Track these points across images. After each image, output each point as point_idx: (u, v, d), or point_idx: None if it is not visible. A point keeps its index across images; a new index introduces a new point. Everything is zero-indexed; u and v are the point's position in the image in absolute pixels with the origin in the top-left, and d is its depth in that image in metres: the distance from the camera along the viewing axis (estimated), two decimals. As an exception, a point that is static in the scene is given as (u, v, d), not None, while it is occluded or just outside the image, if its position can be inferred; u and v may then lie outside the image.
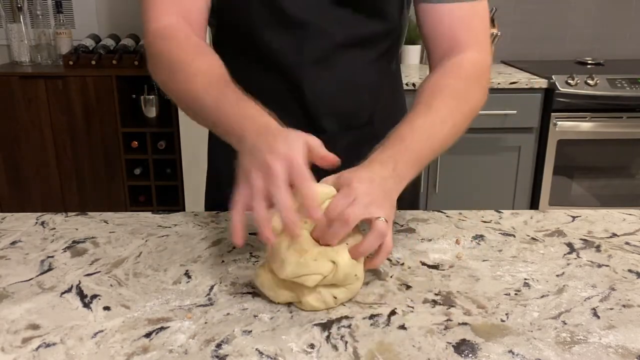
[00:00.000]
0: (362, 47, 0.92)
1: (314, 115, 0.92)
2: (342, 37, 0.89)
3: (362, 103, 0.95)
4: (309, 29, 0.87)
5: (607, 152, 2.43)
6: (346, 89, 0.93)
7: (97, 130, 2.56)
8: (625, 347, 0.56)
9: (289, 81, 0.91)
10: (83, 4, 2.80)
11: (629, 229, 0.86)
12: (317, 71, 0.90)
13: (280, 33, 0.88)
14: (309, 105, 0.92)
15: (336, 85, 0.92)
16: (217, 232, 0.83)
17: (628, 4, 2.82)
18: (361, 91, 0.94)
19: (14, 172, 2.62)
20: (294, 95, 0.92)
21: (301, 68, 0.90)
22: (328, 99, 0.92)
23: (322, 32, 0.88)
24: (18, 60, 2.71)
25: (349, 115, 0.95)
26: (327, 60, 0.90)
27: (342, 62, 0.91)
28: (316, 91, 0.91)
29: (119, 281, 0.69)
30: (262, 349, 0.56)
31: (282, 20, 0.87)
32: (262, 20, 0.87)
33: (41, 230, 0.84)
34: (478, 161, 2.40)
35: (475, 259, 0.76)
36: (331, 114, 0.93)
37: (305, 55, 0.89)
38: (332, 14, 0.87)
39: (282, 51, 0.89)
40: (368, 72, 0.94)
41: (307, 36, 0.88)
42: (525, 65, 2.58)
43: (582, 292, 0.67)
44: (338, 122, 0.94)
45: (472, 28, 0.89)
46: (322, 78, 0.91)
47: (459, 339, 0.58)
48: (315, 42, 0.88)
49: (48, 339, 0.57)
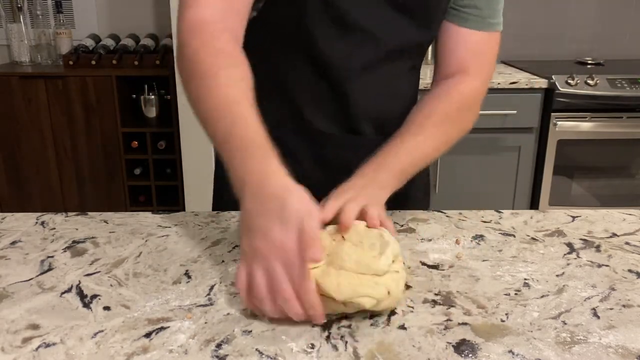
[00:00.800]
0: (406, 56, 0.93)
1: (353, 118, 0.94)
2: (392, 45, 0.89)
3: (396, 111, 0.97)
4: (363, 33, 0.87)
5: (607, 152, 2.43)
6: (385, 95, 0.94)
7: (97, 130, 2.56)
8: (625, 347, 0.56)
9: (334, 82, 0.91)
10: (83, 4, 2.80)
11: (629, 229, 0.86)
12: (363, 76, 0.91)
13: (333, 34, 0.87)
14: (350, 108, 0.93)
15: (377, 90, 0.93)
16: (217, 232, 0.83)
17: (628, 4, 2.82)
18: (397, 98, 0.97)
19: (14, 172, 2.62)
20: (336, 97, 0.92)
21: (349, 72, 0.90)
22: (368, 103, 0.93)
23: (375, 38, 0.88)
24: (18, 60, 2.71)
25: (383, 120, 0.96)
26: (374, 66, 0.91)
27: (386, 69, 0.92)
28: (359, 95, 0.92)
29: (119, 281, 0.69)
30: (262, 349, 0.55)
31: (339, 23, 0.86)
32: (317, 20, 0.86)
33: (41, 230, 0.84)
34: (478, 161, 2.40)
35: (475, 259, 0.76)
36: (369, 119, 0.95)
37: (356, 60, 0.89)
38: (388, 20, 0.87)
39: (332, 53, 0.88)
40: (405, 80, 0.97)
41: (361, 42, 0.88)
42: (525, 65, 2.58)
43: (582, 292, 0.67)
44: (374, 127, 0.96)
45: (483, 57, 0.94)
46: (366, 83, 0.91)
47: (459, 339, 0.58)
48: (366, 47, 0.89)
49: (48, 339, 0.57)
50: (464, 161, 2.39)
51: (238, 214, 0.90)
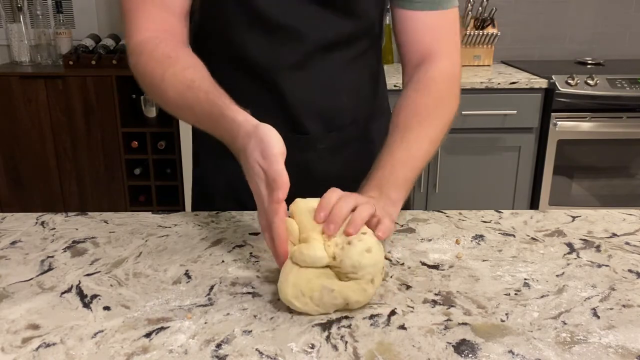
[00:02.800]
0: (339, 48, 0.91)
1: (295, 117, 0.92)
2: (319, 39, 0.88)
3: (342, 103, 0.95)
4: (286, 31, 0.87)
5: (607, 152, 2.43)
6: (325, 90, 0.92)
7: (97, 130, 2.56)
8: (625, 347, 0.56)
9: (268, 84, 0.90)
10: (83, 4, 2.80)
11: (629, 229, 0.86)
12: (295, 74, 0.89)
13: (256, 36, 0.87)
14: (289, 108, 0.91)
15: (315, 87, 0.91)
16: (217, 232, 0.83)
17: (628, 4, 2.82)
18: (340, 92, 0.94)
19: (14, 172, 2.62)
20: (274, 98, 0.91)
21: (279, 71, 0.89)
22: (308, 100, 0.92)
23: (300, 35, 0.87)
24: (18, 60, 2.71)
25: (330, 116, 0.94)
26: (305, 62, 0.89)
27: (319, 64, 0.90)
28: (295, 93, 0.91)
29: (119, 281, 0.69)
30: (262, 349, 0.56)
31: (258, 23, 0.86)
32: (238, 24, 0.87)
33: (41, 230, 0.84)
34: (478, 161, 2.40)
35: (475, 259, 0.76)
36: (312, 116, 0.93)
37: (283, 58, 0.88)
38: (310, 15, 0.86)
39: (259, 55, 0.88)
40: (346, 72, 0.94)
41: (284, 39, 0.87)
42: (525, 65, 2.58)
43: (582, 292, 0.67)
44: (320, 123, 0.94)
45: (444, 36, 0.92)
46: (300, 80, 0.90)
47: (459, 339, 0.58)
48: (292, 45, 0.88)
49: (48, 339, 0.57)
50: (464, 161, 2.39)
51: (238, 214, 0.90)
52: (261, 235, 0.82)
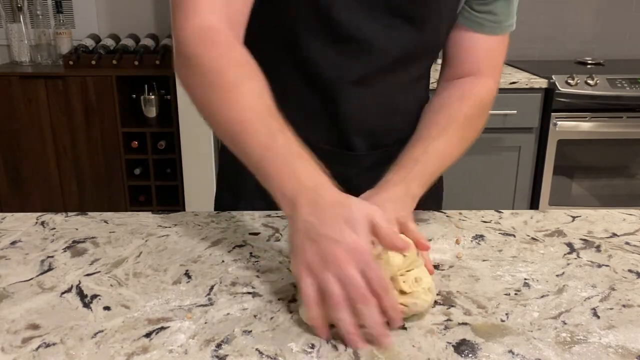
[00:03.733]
0: (403, 67, 0.89)
1: (345, 133, 0.91)
2: (389, 54, 0.85)
3: (395, 124, 0.94)
4: (358, 46, 0.83)
5: (607, 152, 2.43)
6: (381, 110, 0.91)
7: (97, 130, 2.56)
8: (625, 347, 0.56)
9: (326, 96, 0.87)
10: (83, 4, 2.80)
11: (629, 229, 0.86)
12: (356, 90, 0.87)
13: (326, 46, 0.83)
14: (341, 123, 0.90)
15: (372, 105, 0.90)
16: (217, 232, 0.83)
17: (628, 4, 2.82)
18: (395, 112, 0.93)
19: (14, 172, 2.62)
20: (327, 111, 0.89)
21: (341, 86, 0.86)
22: (362, 118, 0.90)
23: (371, 49, 0.84)
24: (18, 60, 2.71)
25: (379, 136, 0.93)
26: (368, 79, 0.87)
27: (381, 82, 0.88)
28: (351, 110, 0.89)
29: (119, 281, 0.69)
30: (262, 349, 0.56)
31: (331, 34, 0.82)
32: (309, 30, 0.83)
33: (41, 230, 0.84)
34: (478, 161, 2.40)
35: (475, 259, 0.76)
36: (362, 134, 0.92)
37: (347, 72, 0.85)
38: (384, 28, 0.83)
39: (323, 65, 0.85)
40: (403, 95, 0.93)
41: (355, 53, 0.84)
42: (525, 65, 2.57)
43: (582, 292, 0.67)
44: (368, 141, 0.93)
45: (495, 59, 0.93)
46: (359, 97, 0.88)
47: (459, 339, 0.58)
48: (360, 59, 0.85)
49: (48, 339, 0.57)
50: (464, 161, 2.37)
51: (238, 214, 0.90)
52: (261, 235, 0.82)
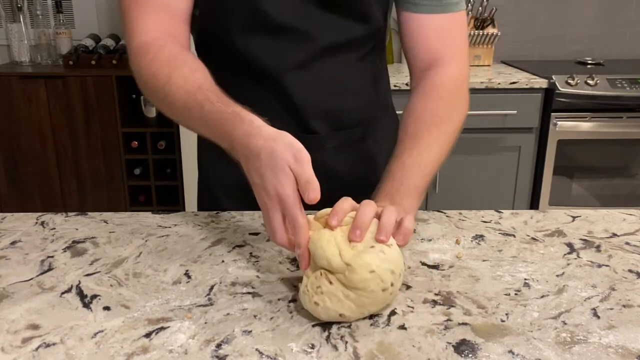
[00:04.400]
0: (344, 49, 0.91)
1: (303, 119, 0.92)
2: (326, 42, 0.88)
3: (349, 104, 0.95)
4: (292, 34, 0.86)
5: (607, 152, 2.43)
6: (331, 91, 0.92)
7: (97, 130, 2.56)
8: (625, 347, 0.56)
9: (274, 86, 0.90)
10: (83, 4, 2.80)
11: (629, 229, 0.86)
12: (302, 75, 0.89)
13: (261, 39, 0.87)
14: (296, 109, 0.91)
15: (321, 88, 0.91)
16: (217, 232, 0.83)
17: (628, 4, 2.82)
18: (346, 93, 0.94)
19: (14, 172, 2.62)
20: (280, 100, 0.91)
21: (285, 73, 0.89)
22: (314, 101, 0.91)
23: (306, 37, 0.87)
24: (18, 60, 2.71)
25: (337, 116, 0.94)
26: (311, 64, 0.89)
27: (326, 66, 0.90)
28: (302, 95, 0.90)
29: (119, 281, 0.69)
30: (262, 349, 0.56)
31: (264, 26, 0.86)
32: (243, 26, 0.86)
33: (41, 230, 0.84)
34: (478, 161, 2.40)
35: (475, 259, 0.76)
36: (320, 117, 0.93)
37: (289, 61, 0.88)
38: (317, 18, 0.86)
39: (264, 57, 0.88)
40: (352, 73, 0.94)
41: (290, 42, 0.87)
42: (525, 65, 2.58)
43: (582, 292, 0.67)
44: (327, 123, 0.94)
45: (451, 40, 0.91)
46: (306, 82, 0.90)
47: (459, 339, 0.58)
48: (298, 46, 0.87)
49: (48, 339, 0.57)
50: (464, 161, 2.39)
51: (238, 214, 0.90)
52: (261, 235, 0.82)
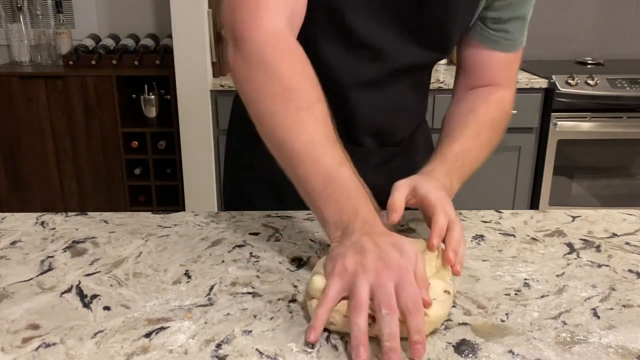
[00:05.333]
0: (413, 73, 0.93)
1: (354, 131, 0.94)
2: (400, 64, 0.89)
3: (400, 123, 0.98)
4: (370, 51, 0.86)
5: (607, 152, 2.43)
6: (390, 110, 0.94)
7: (97, 130, 2.56)
8: (625, 347, 0.56)
9: (337, 96, 0.88)
10: (83, 4, 2.80)
11: (629, 229, 0.86)
12: (366, 92, 0.90)
13: (339, 49, 0.86)
14: (351, 122, 0.92)
15: (381, 106, 0.93)
16: (217, 232, 0.83)
17: (628, 4, 2.82)
18: (401, 112, 0.97)
19: (14, 172, 2.62)
20: (338, 110, 0.89)
21: (352, 87, 0.90)
22: (371, 119, 0.93)
23: (382, 57, 0.87)
24: (18, 60, 2.71)
25: (386, 134, 0.97)
26: (378, 82, 0.90)
27: (391, 86, 0.92)
28: (361, 110, 0.92)
29: (119, 281, 0.69)
30: (262, 349, 0.55)
31: (344, 38, 0.85)
32: (323, 33, 0.85)
33: (41, 230, 0.84)
34: (478, 161, 2.40)
35: (475, 259, 0.76)
36: (371, 133, 0.95)
37: (359, 76, 0.89)
38: (400, 43, 0.86)
39: (336, 67, 0.88)
40: (412, 96, 0.97)
41: (367, 58, 0.87)
42: (525, 65, 2.57)
43: (582, 292, 0.67)
44: (376, 139, 0.96)
45: (509, 73, 0.96)
46: (369, 99, 0.91)
47: (459, 339, 0.58)
48: (372, 65, 0.88)
49: (48, 339, 0.57)
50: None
51: (238, 214, 0.90)
52: (261, 235, 0.82)
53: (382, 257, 0.57)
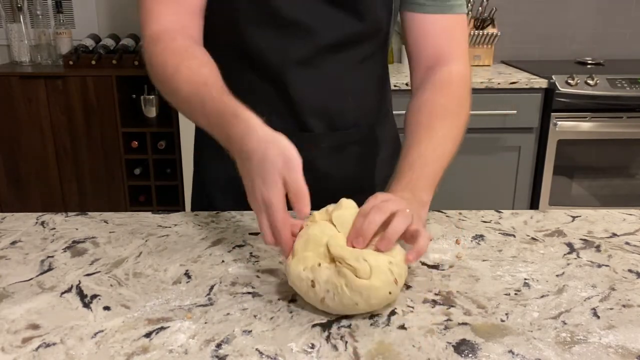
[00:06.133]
0: (347, 48, 0.91)
1: (300, 115, 0.92)
2: (328, 38, 0.89)
3: (348, 105, 0.95)
4: (297, 28, 0.87)
5: (607, 152, 2.43)
6: (331, 90, 0.93)
7: (97, 130, 2.56)
8: (625, 347, 0.56)
9: (276, 80, 0.91)
10: (83, 4, 2.80)
11: (629, 229, 0.86)
12: (303, 71, 0.90)
13: (266, 32, 0.88)
14: (295, 105, 0.92)
15: (321, 85, 0.92)
16: (217, 232, 0.83)
17: (628, 4, 2.82)
18: (346, 94, 0.95)
19: (14, 172, 2.62)
20: (280, 95, 0.91)
21: (286, 68, 0.89)
22: (314, 99, 0.92)
23: (310, 31, 0.88)
24: (18, 60, 2.71)
25: (334, 116, 0.95)
26: (313, 60, 0.90)
27: (327, 63, 0.91)
28: (302, 92, 0.91)
29: (119, 281, 0.69)
30: (262, 349, 0.56)
31: (269, 19, 0.87)
32: (248, 19, 0.87)
33: (41, 230, 0.84)
34: (478, 161, 2.40)
35: (475, 259, 0.76)
36: (317, 115, 0.93)
37: (291, 54, 0.89)
38: (320, 13, 0.87)
39: (267, 50, 0.89)
40: (353, 75, 0.95)
41: (294, 35, 0.88)
42: (525, 65, 2.57)
43: (582, 292, 0.67)
44: (324, 122, 0.94)
45: (455, 40, 0.93)
46: (307, 78, 0.91)
47: (459, 339, 0.58)
48: (301, 41, 0.88)
49: (48, 339, 0.57)
50: (464, 161, 2.39)
51: (238, 214, 0.90)
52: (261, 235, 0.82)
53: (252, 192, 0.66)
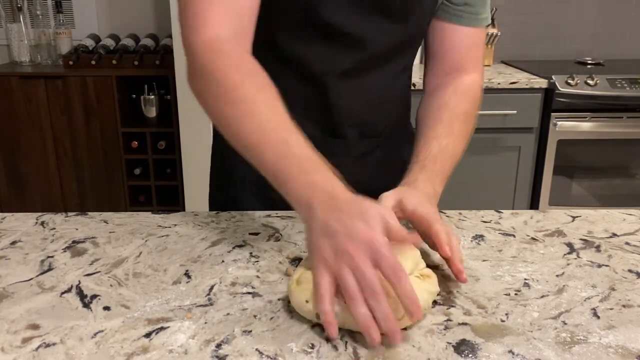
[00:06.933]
0: (392, 59, 0.93)
1: (336, 123, 0.94)
2: (378, 49, 0.89)
3: (382, 114, 0.98)
4: (348, 40, 0.87)
5: (607, 152, 2.43)
6: (371, 101, 0.94)
7: (97, 130, 2.56)
8: (625, 347, 0.56)
9: (315, 87, 0.90)
10: (83, 4, 2.80)
11: (629, 229, 0.86)
12: (346, 81, 0.90)
13: (312, 41, 0.87)
14: (332, 113, 0.92)
15: (362, 96, 0.93)
16: (217, 232, 0.83)
17: (628, 4, 2.82)
18: (383, 102, 0.97)
19: (14, 172, 2.62)
20: (318, 101, 0.92)
21: (330, 77, 0.90)
22: (351, 108, 0.93)
23: (360, 44, 0.87)
24: (18, 60, 2.71)
25: (369, 124, 0.97)
26: (357, 71, 0.90)
27: (371, 74, 0.92)
28: (341, 101, 0.92)
29: (119, 281, 0.69)
30: (262, 349, 0.56)
31: (318, 30, 0.85)
32: (294, 27, 0.86)
33: (41, 230, 0.84)
34: (478, 161, 2.40)
35: (475, 259, 0.76)
36: (353, 123, 0.95)
37: (337, 65, 0.89)
38: (374, 25, 0.87)
39: (311, 59, 0.88)
40: (392, 86, 0.97)
41: (343, 47, 0.87)
42: (525, 65, 2.57)
43: (582, 292, 0.67)
44: (357, 130, 0.96)
45: (476, 53, 0.97)
46: (349, 88, 0.91)
47: (459, 339, 0.58)
48: (349, 53, 0.88)
49: (48, 339, 0.57)
50: (464, 161, 2.37)
51: (238, 214, 0.90)
52: (261, 235, 0.82)
53: (349, 234, 0.57)
